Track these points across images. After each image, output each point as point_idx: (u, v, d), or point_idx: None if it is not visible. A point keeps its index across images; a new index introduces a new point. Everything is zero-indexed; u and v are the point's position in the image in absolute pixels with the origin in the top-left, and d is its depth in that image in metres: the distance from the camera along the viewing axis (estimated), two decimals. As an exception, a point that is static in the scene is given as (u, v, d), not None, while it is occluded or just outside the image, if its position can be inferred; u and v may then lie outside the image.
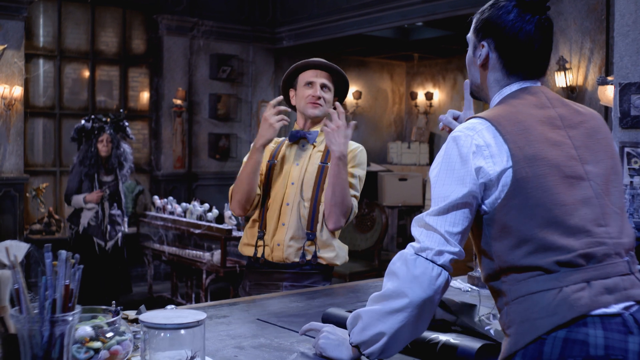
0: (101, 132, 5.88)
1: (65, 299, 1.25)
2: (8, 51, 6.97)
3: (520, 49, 1.53)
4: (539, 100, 1.52)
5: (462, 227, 1.45)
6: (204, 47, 8.71)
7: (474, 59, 1.62)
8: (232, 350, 1.70)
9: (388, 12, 7.63)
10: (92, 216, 5.84)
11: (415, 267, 1.44)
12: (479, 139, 1.43)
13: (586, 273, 1.37)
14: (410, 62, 10.99)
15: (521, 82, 1.56)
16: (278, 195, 2.68)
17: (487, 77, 1.60)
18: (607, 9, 5.67)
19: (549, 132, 1.46)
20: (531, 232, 1.39)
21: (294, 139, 2.76)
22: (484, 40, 1.58)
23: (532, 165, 1.41)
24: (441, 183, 1.47)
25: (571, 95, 5.96)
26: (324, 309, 2.00)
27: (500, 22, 1.54)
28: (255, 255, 2.69)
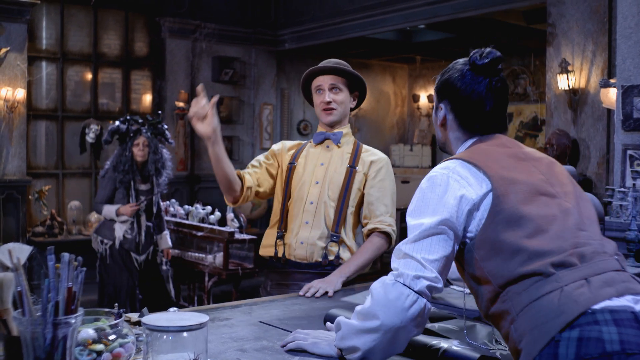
0: (137, 134, 5.29)
1: (68, 302, 1.26)
2: (11, 54, 6.98)
3: (473, 110, 1.63)
4: (499, 141, 1.63)
5: (439, 255, 1.48)
6: (206, 50, 8.72)
7: (435, 119, 1.73)
8: (234, 353, 1.70)
9: (390, 14, 7.63)
10: (127, 228, 5.28)
11: (391, 292, 1.47)
12: (455, 175, 1.52)
13: (582, 271, 1.40)
14: (412, 65, 10.99)
15: (480, 135, 1.66)
16: (301, 195, 2.68)
17: (448, 135, 1.70)
18: (609, 12, 5.67)
19: (515, 162, 1.56)
20: (520, 242, 1.43)
21: (318, 141, 2.77)
22: (441, 102, 1.69)
23: (509, 185, 1.49)
24: (416, 216, 1.53)
25: (574, 98, 5.95)
26: (327, 311, 2.00)
27: (455, 85, 1.65)
28: (276, 255, 2.69)
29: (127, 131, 5.29)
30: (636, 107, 3.64)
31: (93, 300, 5.87)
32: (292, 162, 2.74)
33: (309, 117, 10.01)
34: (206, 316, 1.44)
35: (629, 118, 3.64)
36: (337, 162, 2.71)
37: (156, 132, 5.44)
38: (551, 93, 6.18)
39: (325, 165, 2.71)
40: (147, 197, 5.34)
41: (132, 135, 5.29)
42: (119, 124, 5.32)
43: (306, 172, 2.70)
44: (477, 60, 1.61)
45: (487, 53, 1.61)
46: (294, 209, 2.69)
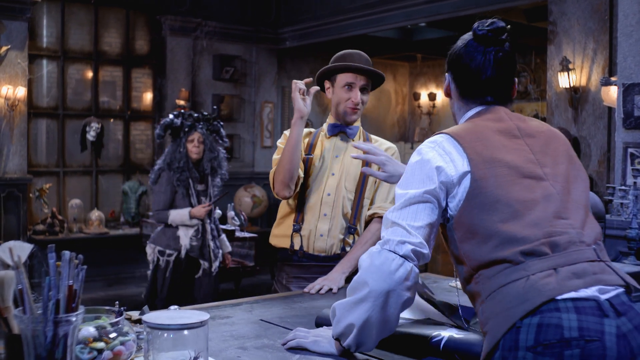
0: (192, 130, 4.80)
1: (69, 300, 1.26)
2: (12, 52, 6.98)
3: (470, 78, 1.65)
4: (497, 115, 1.63)
5: (423, 222, 1.52)
6: (207, 48, 8.71)
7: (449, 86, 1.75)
8: (235, 351, 1.70)
9: (391, 12, 7.63)
10: (192, 235, 4.75)
11: (377, 258, 1.51)
12: (439, 149, 1.55)
13: (552, 261, 1.41)
14: (413, 63, 10.98)
15: (480, 106, 1.66)
16: (317, 187, 2.67)
17: (453, 105, 1.74)
18: (610, 10, 5.66)
19: (505, 140, 1.56)
20: (494, 226, 1.45)
21: (332, 132, 2.75)
22: (447, 72, 1.72)
23: (490, 167, 1.50)
24: (402, 186, 1.58)
25: (575, 96, 5.95)
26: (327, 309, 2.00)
27: (457, 54, 1.67)
28: (293, 248, 2.68)
29: (182, 126, 4.82)
30: (637, 105, 3.63)
31: (94, 298, 5.88)
32: (308, 155, 2.72)
33: (310, 115, 10.00)
34: (207, 314, 1.44)
35: (629, 116, 3.64)
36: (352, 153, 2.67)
37: (211, 129, 4.96)
38: (552, 91, 6.18)
39: (340, 157, 2.71)
40: (220, 194, 4.86)
41: (186, 131, 4.81)
42: (172, 117, 4.84)
43: (323, 163, 2.70)
44: (477, 30, 1.62)
45: (489, 23, 1.62)
46: (311, 200, 2.67)
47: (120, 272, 7.75)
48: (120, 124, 8.45)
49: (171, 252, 4.68)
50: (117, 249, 7.72)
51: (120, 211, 8.39)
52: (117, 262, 7.69)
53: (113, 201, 8.41)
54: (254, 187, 8.48)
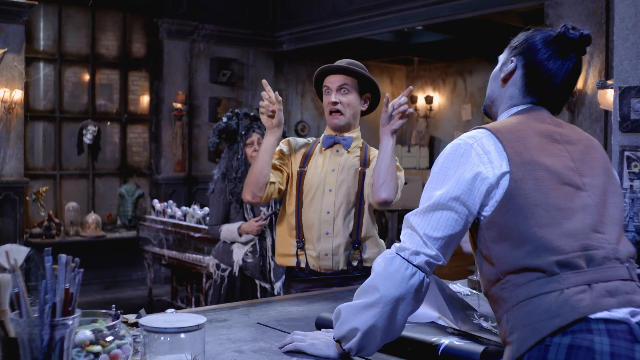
0: (250, 132, 4.24)
1: (65, 303, 1.25)
2: (8, 55, 6.97)
3: (544, 75, 1.58)
4: (541, 116, 1.58)
5: (443, 233, 1.47)
6: (204, 51, 8.71)
7: (499, 73, 1.68)
8: (232, 354, 1.70)
9: (388, 16, 7.64)
10: (248, 250, 4.22)
11: (391, 265, 1.49)
12: (478, 147, 1.48)
13: (587, 275, 1.36)
14: (410, 66, 11.00)
15: (528, 104, 1.61)
16: (315, 204, 2.62)
17: (504, 91, 1.64)
18: (606, 13, 5.68)
19: (547, 143, 1.51)
20: (529, 231, 1.39)
21: (327, 144, 2.69)
22: (515, 57, 1.63)
23: (529, 169, 1.44)
24: (432, 184, 1.52)
25: (571, 100, 5.96)
26: (327, 312, 2.00)
27: (536, 46, 1.59)
28: (299, 265, 2.65)
29: (238, 128, 4.28)
30: (633, 109, 3.64)
31: (91, 301, 5.87)
32: (302, 168, 2.67)
33: (307, 118, 10.01)
34: (204, 317, 1.44)
35: (626, 119, 3.65)
36: (348, 167, 2.66)
37: None
38: (549, 94, 6.18)
39: (336, 171, 2.64)
40: (274, 209, 4.16)
41: (243, 133, 4.26)
42: (226, 120, 4.31)
43: (318, 178, 2.63)
44: (569, 32, 1.56)
45: (579, 29, 1.57)
46: (309, 219, 2.62)
47: (117, 275, 7.74)
48: (117, 127, 8.45)
49: (225, 267, 4.25)
50: (114, 252, 7.71)
51: (117, 214, 8.38)
52: (114, 266, 7.68)
53: (110, 204, 8.40)
54: (251, 190, 8.48)
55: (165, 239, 6.28)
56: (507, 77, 1.64)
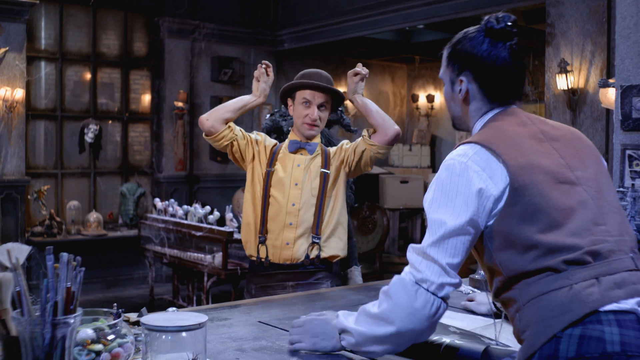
0: None
1: (67, 302, 1.25)
2: (10, 54, 6.97)
3: (498, 77, 1.57)
4: (520, 119, 1.58)
5: (461, 257, 1.46)
6: (205, 50, 8.71)
7: (453, 95, 1.65)
8: (233, 353, 1.70)
9: (389, 14, 7.63)
10: None
11: (416, 299, 1.45)
12: (474, 165, 1.46)
13: (594, 270, 1.38)
14: (411, 65, 10.99)
15: (500, 107, 1.60)
16: (282, 197, 2.76)
17: (468, 109, 1.63)
18: (608, 12, 5.67)
19: (536, 144, 1.51)
20: (534, 237, 1.40)
21: (292, 149, 2.85)
22: (461, 74, 1.61)
23: (527, 173, 1.44)
24: (435, 209, 1.48)
25: (573, 98, 5.95)
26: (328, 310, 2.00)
27: (475, 53, 1.58)
28: (259, 259, 2.77)
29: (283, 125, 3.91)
30: (635, 107, 3.64)
31: (92, 300, 5.87)
32: (269, 168, 2.81)
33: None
34: (205, 316, 1.44)
35: (627, 118, 3.64)
36: (312, 166, 2.82)
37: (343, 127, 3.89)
38: (550, 93, 6.18)
39: (301, 166, 2.80)
40: None
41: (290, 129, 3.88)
42: (270, 118, 3.87)
43: (285, 175, 2.79)
44: (495, 25, 1.55)
45: (502, 17, 1.56)
46: (275, 211, 2.76)
47: (119, 274, 7.74)
48: (118, 125, 8.45)
49: None
50: (115, 251, 7.71)
51: (118, 213, 8.38)
52: (115, 264, 7.68)
53: (111, 203, 8.40)
54: (252, 189, 8.48)
55: (166, 238, 6.28)
56: (465, 97, 1.62)
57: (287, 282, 2.74)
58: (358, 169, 2.81)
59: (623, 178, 3.67)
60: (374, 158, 2.77)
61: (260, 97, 2.87)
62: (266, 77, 2.88)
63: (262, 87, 2.87)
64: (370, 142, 2.75)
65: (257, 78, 2.87)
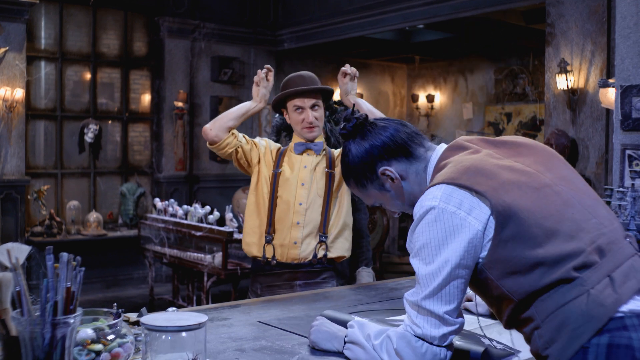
0: None
1: (67, 302, 1.25)
2: (10, 53, 6.97)
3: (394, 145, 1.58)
4: (464, 148, 1.55)
5: (458, 300, 1.43)
6: (205, 50, 8.71)
7: (391, 191, 1.62)
8: (233, 353, 1.70)
9: (389, 14, 7.63)
10: None
11: (425, 356, 1.43)
12: (449, 206, 1.41)
13: (604, 268, 1.36)
14: (411, 65, 10.99)
15: (426, 150, 1.60)
16: (289, 196, 2.78)
17: (409, 182, 1.60)
18: (608, 12, 5.67)
19: (496, 163, 1.48)
20: (533, 254, 1.36)
21: (299, 151, 2.86)
22: (378, 171, 1.60)
23: (503, 192, 1.40)
24: (424, 261, 1.44)
25: (572, 98, 5.95)
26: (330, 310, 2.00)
27: (375, 146, 1.59)
28: (265, 259, 2.78)
29: None
30: (635, 107, 3.64)
31: (92, 300, 5.87)
32: (275, 170, 2.84)
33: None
34: (205, 316, 1.44)
35: (627, 118, 3.64)
36: (318, 166, 2.83)
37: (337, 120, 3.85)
38: (550, 93, 6.18)
39: (308, 168, 2.82)
40: None
41: None
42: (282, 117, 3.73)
43: (292, 175, 2.81)
44: (342, 130, 1.64)
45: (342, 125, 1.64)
46: (282, 210, 2.78)
47: (119, 274, 7.75)
48: (118, 125, 8.45)
49: None
50: (115, 250, 7.72)
51: (118, 213, 8.38)
52: (115, 264, 7.68)
53: (111, 203, 8.41)
54: (252, 188, 8.48)
55: (166, 238, 6.29)
56: (400, 175, 1.59)
57: (294, 281, 2.75)
58: None
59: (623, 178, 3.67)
60: None
61: (261, 103, 2.90)
62: (266, 82, 2.90)
63: (262, 93, 2.89)
64: None
65: (257, 83, 2.89)
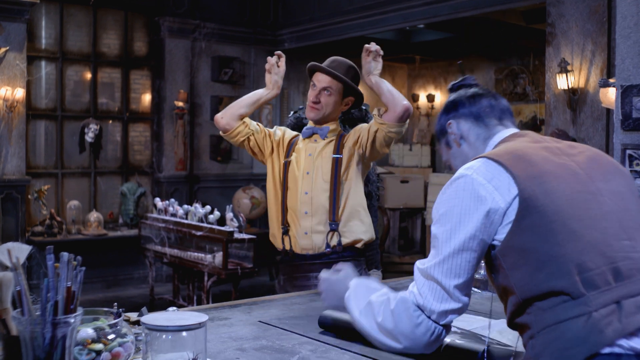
0: None
1: (67, 301, 1.26)
2: (10, 53, 6.97)
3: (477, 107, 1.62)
4: (533, 138, 1.55)
5: (466, 277, 1.42)
6: (205, 50, 8.71)
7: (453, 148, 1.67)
8: (233, 353, 1.70)
9: (390, 14, 7.63)
10: None
11: (418, 327, 1.45)
12: (479, 177, 1.41)
13: (614, 293, 1.28)
14: (411, 65, 10.99)
15: (501, 127, 1.62)
16: (295, 187, 2.78)
17: (468, 145, 1.64)
18: (608, 11, 5.67)
19: (551, 156, 1.45)
20: (549, 251, 1.31)
21: (306, 135, 2.86)
22: (446, 125, 1.66)
23: (539, 183, 1.36)
24: (439, 225, 1.45)
25: (573, 98, 5.95)
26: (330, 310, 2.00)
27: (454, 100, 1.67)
28: (284, 250, 2.81)
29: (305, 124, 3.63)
30: (635, 107, 3.64)
31: (92, 299, 5.87)
32: (286, 160, 2.83)
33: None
34: (205, 316, 1.44)
35: (628, 118, 3.64)
36: (323, 152, 2.81)
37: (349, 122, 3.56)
38: (550, 93, 6.18)
39: (312, 155, 2.81)
40: None
41: None
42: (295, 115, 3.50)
43: (297, 164, 2.81)
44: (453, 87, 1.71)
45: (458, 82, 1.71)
46: (291, 201, 2.79)
47: (119, 273, 7.75)
48: (118, 125, 8.45)
49: None
50: (116, 250, 7.72)
51: (118, 213, 8.39)
52: (116, 264, 7.68)
53: (111, 203, 8.41)
54: (252, 188, 8.48)
55: (167, 238, 6.29)
56: (463, 135, 1.64)
57: (310, 273, 2.72)
58: (374, 150, 2.78)
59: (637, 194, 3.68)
60: (387, 138, 2.74)
61: (274, 90, 2.88)
62: (277, 69, 2.87)
63: (275, 79, 2.87)
64: (380, 120, 2.74)
65: (269, 70, 2.87)
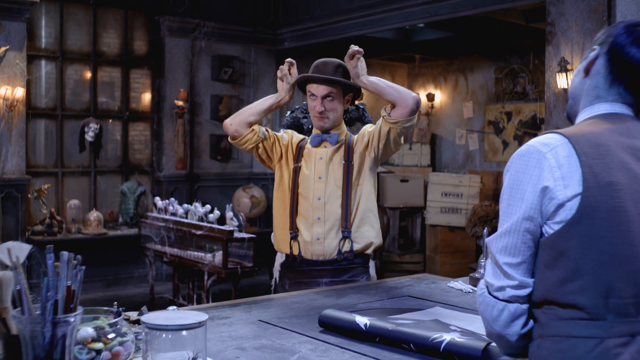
0: None
1: (67, 300, 1.26)
2: (10, 52, 6.97)
3: (627, 59, 1.44)
4: (627, 129, 1.41)
5: (523, 257, 1.36)
6: (205, 49, 8.71)
7: (578, 69, 1.55)
8: (233, 352, 1.70)
9: (390, 13, 7.63)
10: None
11: (481, 303, 1.44)
12: (552, 158, 1.34)
13: (634, 326, 1.26)
14: (411, 64, 10.99)
15: (615, 103, 1.46)
16: (307, 192, 2.74)
17: (587, 82, 1.50)
18: (608, 10, 5.67)
19: (631, 162, 1.35)
20: (587, 266, 1.28)
21: (314, 144, 2.82)
22: (598, 45, 1.50)
23: (605, 195, 1.29)
24: (505, 200, 1.40)
25: (573, 97, 5.95)
26: (330, 309, 2.00)
27: (618, 31, 1.47)
28: (292, 254, 2.76)
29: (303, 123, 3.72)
30: (635, 106, 3.65)
31: (92, 298, 5.87)
32: (296, 164, 2.79)
33: (308, 116, 10.00)
34: (205, 315, 1.44)
35: (628, 117, 3.65)
36: (334, 158, 2.78)
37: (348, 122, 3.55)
38: (550, 92, 6.18)
39: (324, 159, 2.77)
40: None
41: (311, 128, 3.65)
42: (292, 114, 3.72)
43: (309, 169, 2.77)
44: None
45: None
46: (302, 206, 2.75)
47: (119, 272, 7.75)
48: (118, 124, 8.45)
49: None
50: (116, 249, 7.72)
51: (118, 212, 8.39)
52: (116, 263, 7.69)
53: (111, 202, 8.41)
54: (252, 187, 8.49)
55: (167, 237, 6.29)
56: (589, 67, 1.50)
57: (320, 279, 2.70)
58: (387, 150, 2.74)
59: None
60: (402, 134, 2.69)
61: (287, 96, 2.84)
62: (289, 78, 2.82)
63: (287, 87, 2.82)
64: (392, 120, 2.65)
65: (281, 78, 2.83)
